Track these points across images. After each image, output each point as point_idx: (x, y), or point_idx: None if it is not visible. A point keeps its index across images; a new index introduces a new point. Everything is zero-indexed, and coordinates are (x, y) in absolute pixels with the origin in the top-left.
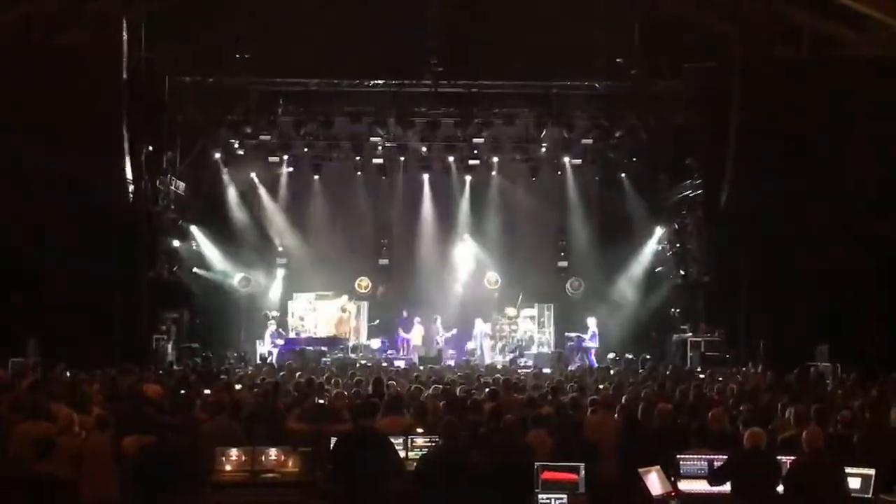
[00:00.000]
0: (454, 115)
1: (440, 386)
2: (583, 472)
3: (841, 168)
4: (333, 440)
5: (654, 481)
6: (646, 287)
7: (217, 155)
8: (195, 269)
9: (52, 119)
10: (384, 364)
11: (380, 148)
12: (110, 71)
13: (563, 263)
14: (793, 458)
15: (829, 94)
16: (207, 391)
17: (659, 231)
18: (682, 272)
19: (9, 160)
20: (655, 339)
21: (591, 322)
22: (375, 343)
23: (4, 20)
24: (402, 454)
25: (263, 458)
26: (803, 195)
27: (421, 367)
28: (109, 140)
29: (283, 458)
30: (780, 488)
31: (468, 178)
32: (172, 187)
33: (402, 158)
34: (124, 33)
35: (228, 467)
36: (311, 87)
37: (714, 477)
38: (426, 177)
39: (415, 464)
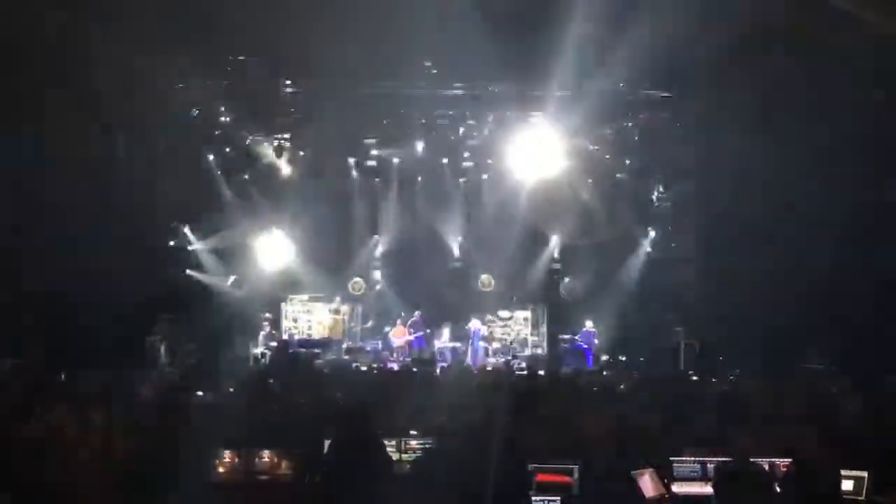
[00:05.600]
0: (449, 117)
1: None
2: (577, 475)
3: (837, 169)
4: (327, 443)
5: (648, 483)
6: (639, 289)
7: (211, 156)
8: (188, 271)
9: (48, 120)
10: (377, 365)
11: (374, 150)
12: (109, 73)
13: (557, 265)
14: (787, 460)
15: (825, 95)
16: (200, 392)
17: (652, 233)
18: (675, 274)
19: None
20: (648, 342)
21: (589, 325)
22: (369, 345)
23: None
24: (395, 456)
25: (257, 460)
26: (798, 198)
27: (415, 369)
28: (105, 141)
29: (276, 459)
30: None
31: (462, 180)
32: (166, 189)
33: (397, 160)
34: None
35: (222, 469)
36: (306, 88)
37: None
38: (420, 178)
39: (408, 466)
